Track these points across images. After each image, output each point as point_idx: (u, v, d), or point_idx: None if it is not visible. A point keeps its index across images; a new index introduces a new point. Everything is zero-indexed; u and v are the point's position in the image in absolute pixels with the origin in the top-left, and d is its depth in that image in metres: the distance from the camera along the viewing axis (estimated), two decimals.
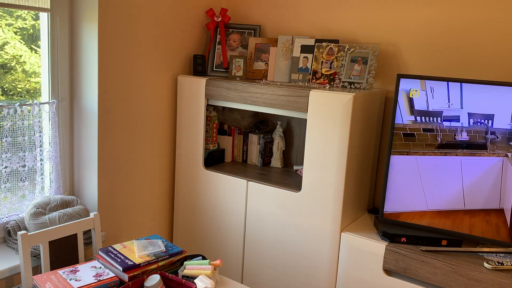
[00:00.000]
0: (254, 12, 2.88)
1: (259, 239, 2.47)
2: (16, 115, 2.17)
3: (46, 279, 1.66)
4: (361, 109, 2.18)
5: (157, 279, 1.68)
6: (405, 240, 2.07)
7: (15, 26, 2.21)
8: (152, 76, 2.59)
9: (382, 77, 2.48)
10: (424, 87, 2.02)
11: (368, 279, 2.14)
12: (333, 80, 2.44)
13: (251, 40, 2.73)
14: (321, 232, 2.25)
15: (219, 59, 2.79)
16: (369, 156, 2.41)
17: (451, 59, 2.29)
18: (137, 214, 2.67)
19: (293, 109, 2.28)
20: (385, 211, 2.18)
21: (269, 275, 2.47)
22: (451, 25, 2.28)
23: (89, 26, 2.27)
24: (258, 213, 2.45)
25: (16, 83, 2.25)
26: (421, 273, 1.98)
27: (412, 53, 2.39)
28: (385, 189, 2.17)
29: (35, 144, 2.26)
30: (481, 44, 2.22)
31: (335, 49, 2.45)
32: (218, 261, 1.82)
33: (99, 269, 1.74)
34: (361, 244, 2.15)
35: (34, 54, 2.29)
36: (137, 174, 2.62)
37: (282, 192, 2.36)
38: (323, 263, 2.27)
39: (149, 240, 1.92)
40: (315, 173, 2.23)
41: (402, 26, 2.40)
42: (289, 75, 2.58)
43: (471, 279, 1.87)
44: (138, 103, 2.54)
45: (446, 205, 2.06)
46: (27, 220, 2.13)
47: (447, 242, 2.05)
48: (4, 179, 2.19)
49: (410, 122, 2.07)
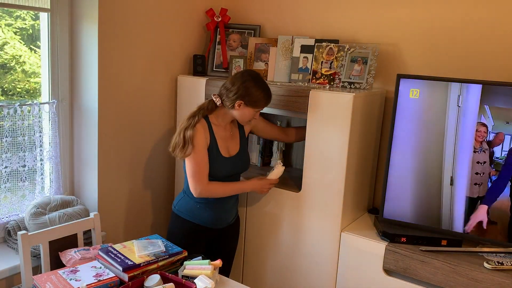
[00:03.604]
0: (254, 12, 2.88)
1: (259, 239, 2.47)
2: (16, 115, 2.17)
3: (46, 279, 1.66)
4: (361, 109, 2.18)
5: (157, 279, 1.68)
6: (405, 240, 2.07)
7: (14, 26, 2.21)
8: (152, 76, 2.59)
9: (382, 77, 2.48)
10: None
11: (368, 279, 2.14)
12: (333, 80, 2.44)
13: (251, 40, 2.73)
14: (321, 232, 2.25)
15: (219, 59, 2.79)
16: (369, 156, 2.41)
17: (451, 59, 2.29)
18: (137, 214, 2.67)
19: (293, 109, 2.27)
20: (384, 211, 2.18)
21: (269, 275, 2.47)
22: (451, 25, 2.28)
23: (89, 26, 2.27)
24: (258, 213, 2.45)
25: (16, 83, 2.25)
26: (421, 273, 1.98)
27: (412, 53, 2.39)
28: (385, 189, 2.16)
29: (35, 144, 2.26)
30: (481, 44, 2.21)
31: (335, 49, 2.45)
32: (218, 261, 1.82)
33: (99, 269, 1.74)
34: (361, 244, 2.15)
35: (34, 54, 2.29)
36: (137, 174, 2.62)
37: (282, 192, 2.36)
38: (323, 263, 2.27)
39: (149, 240, 1.92)
40: (315, 173, 2.23)
41: (402, 26, 2.40)
42: (289, 75, 2.58)
43: (471, 279, 1.87)
44: (138, 103, 2.54)
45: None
46: (27, 220, 2.13)
47: (447, 242, 2.05)
48: (4, 179, 2.19)
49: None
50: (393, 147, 2.13)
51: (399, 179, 2.14)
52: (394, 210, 2.16)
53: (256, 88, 2.06)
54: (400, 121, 2.10)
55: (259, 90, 2.07)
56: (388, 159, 2.14)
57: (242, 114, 2.11)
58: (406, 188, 2.13)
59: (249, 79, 2.07)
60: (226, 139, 2.18)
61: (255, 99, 2.07)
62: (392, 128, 2.12)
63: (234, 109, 2.09)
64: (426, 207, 2.10)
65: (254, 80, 2.08)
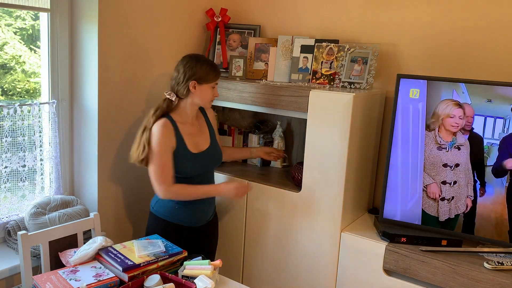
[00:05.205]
0: (254, 12, 2.88)
1: (259, 239, 2.47)
2: (16, 115, 2.17)
3: (46, 279, 1.66)
4: (361, 109, 2.18)
5: (157, 279, 1.68)
6: (405, 240, 2.07)
7: (14, 26, 2.21)
8: (152, 76, 2.59)
9: (382, 77, 2.48)
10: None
11: (368, 279, 2.14)
12: (333, 80, 2.44)
13: (251, 40, 2.73)
14: (321, 232, 2.25)
15: (219, 59, 2.79)
16: (369, 156, 2.40)
17: (451, 59, 2.29)
18: (137, 214, 2.66)
19: (293, 109, 2.27)
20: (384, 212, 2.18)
21: (269, 275, 2.47)
22: (451, 25, 2.28)
23: (89, 26, 2.27)
24: (258, 213, 2.45)
25: (15, 83, 2.25)
26: (421, 273, 1.98)
27: (412, 53, 2.39)
28: (385, 189, 2.16)
29: (35, 144, 2.26)
30: (481, 44, 2.21)
31: (335, 49, 2.45)
32: (218, 261, 1.82)
33: (99, 269, 1.74)
34: (361, 244, 2.15)
35: (34, 54, 2.29)
36: (137, 174, 2.61)
37: (282, 192, 2.36)
38: (323, 263, 2.27)
39: (149, 240, 1.92)
40: (315, 173, 2.23)
41: (402, 26, 2.40)
42: (289, 75, 2.58)
43: (471, 279, 1.87)
44: (138, 103, 2.54)
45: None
46: (27, 220, 2.13)
47: (447, 242, 2.05)
48: (4, 179, 2.19)
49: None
50: (393, 147, 2.13)
51: (399, 179, 2.14)
52: (394, 210, 2.16)
53: (200, 63, 2.10)
54: (400, 121, 2.10)
55: (203, 64, 2.11)
56: (388, 159, 2.14)
57: (200, 95, 2.12)
58: (406, 188, 2.13)
59: (190, 59, 2.12)
60: (193, 135, 2.17)
61: (204, 74, 2.09)
62: (392, 128, 2.12)
63: (191, 93, 2.10)
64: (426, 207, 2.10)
65: (195, 58, 2.13)
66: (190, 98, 2.12)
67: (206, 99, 2.15)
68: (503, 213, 1.96)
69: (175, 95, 2.12)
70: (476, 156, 1.98)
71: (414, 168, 2.09)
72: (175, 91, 2.12)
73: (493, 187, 1.96)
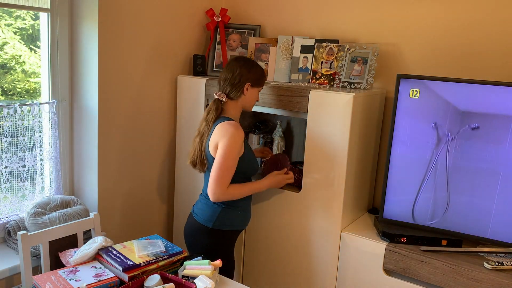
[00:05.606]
0: (254, 12, 2.88)
1: (259, 239, 2.47)
2: (16, 115, 2.17)
3: (46, 279, 1.66)
4: (361, 109, 2.18)
5: (157, 279, 1.68)
6: (405, 240, 2.07)
7: (14, 26, 2.21)
8: (152, 76, 2.59)
9: (382, 77, 2.48)
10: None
11: (368, 279, 2.14)
12: (333, 80, 2.44)
13: (251, 40, 2.73)
14: (321, 232, 2.25)
15: (219, 59, 2.79)
16: (369, 156, 2.41)
17: (451, 59, 2.29)
18: (137, 214, 2.67)
19: (293, 109, 2.27)
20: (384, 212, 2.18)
21: (269, 275, 2.47)
22: (451, 25, 2.28)
23: (89, 26, 2.27)
24: (258, 213, 2.45)
25: (15, 83, 2.25)
26: (421, 273, 1.98)
27: (412, 53, 2.39)
28: (385, 189, 2.17)
29: (35, 144, 2.26)
30: (481, 44, 2.21)
31: (335, 49, 2.45)
32: (218, 261, 1.82)
33: (99, 269, 1.74)
34: (361, 244, 2.15)
35: (34, 54, 2.29)
36: (137, 174, 2.62)
37: (282, 192, 2.36)
38: (323, 263, 2.27)
39: (149, 240, 1.92)
40: (315, 173, 2.23)
41: (402, 26, 2.40)
42: (289, 75, 2.58)
43: (471, 279, 1.87)
44: (138, 103, 2.54)
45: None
46: (27, 220, 2.13)
47: (447, 242, 2.05)
48: (4, 179, 2.19)
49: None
50: (393, 147, 2.13)
51: (399, 179, 2.14)
52: (394, 210, 2.16)
53: (254, 67, 2.14)
54: (400, 121, 2.10)
55: (257, 68, 2.15)
56: (388, 159, 2.14)
57: (250, 97, 2.14)
58: (406, 188, 2.13)
59: (246, 61, 2.14)
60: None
61: (258, 77, 2.13)
62: (392, 128, 2.12)
63: (243, 94, 2.11)
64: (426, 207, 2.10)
65: (250, 61, 2.16)
66: (239, 100, 2.13)
67: (252, 102, 2.18)
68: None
69: (225, 96, 2.12)
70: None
71: (414, 168, 2.09)
72: (226, 92, 2.12)
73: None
